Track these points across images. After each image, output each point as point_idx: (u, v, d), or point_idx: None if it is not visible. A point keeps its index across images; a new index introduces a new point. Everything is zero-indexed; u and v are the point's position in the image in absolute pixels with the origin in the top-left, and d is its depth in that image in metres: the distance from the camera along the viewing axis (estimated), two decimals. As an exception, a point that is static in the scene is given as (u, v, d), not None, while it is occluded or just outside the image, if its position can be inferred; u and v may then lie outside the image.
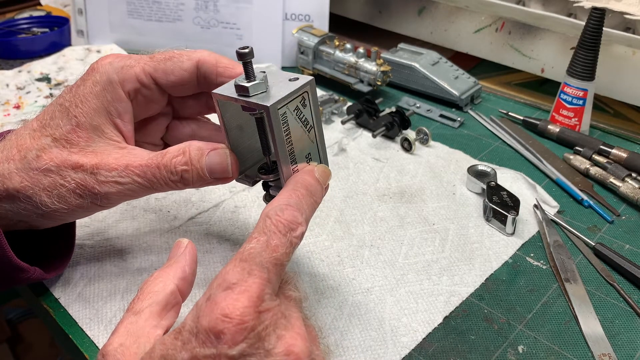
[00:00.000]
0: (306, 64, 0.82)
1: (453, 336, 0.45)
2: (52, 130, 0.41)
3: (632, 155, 0.63)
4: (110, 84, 0.42)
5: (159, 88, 0.44)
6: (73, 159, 0.40)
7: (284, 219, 0.34)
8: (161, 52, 0.45)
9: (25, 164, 0.40)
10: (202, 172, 0.41)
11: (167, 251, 0.52)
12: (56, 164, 0.40)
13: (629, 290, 0.49)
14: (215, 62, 0.43)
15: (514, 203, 0.54)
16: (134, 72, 0.43)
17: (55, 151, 0.40)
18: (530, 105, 0.79)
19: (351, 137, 0.70)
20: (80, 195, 0.41)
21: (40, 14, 1.04)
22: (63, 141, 0.41)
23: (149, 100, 0.45)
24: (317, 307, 0.46)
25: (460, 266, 0.51)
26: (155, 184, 0.41)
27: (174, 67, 0.44)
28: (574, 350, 0.43)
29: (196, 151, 0.41)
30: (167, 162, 0.40)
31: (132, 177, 0.40)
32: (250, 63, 0.38)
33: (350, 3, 0.97)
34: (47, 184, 0.40)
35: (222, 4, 0.88)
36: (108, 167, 0.40)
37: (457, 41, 0.86)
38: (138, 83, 0.43)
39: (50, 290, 0.48)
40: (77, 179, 0.40)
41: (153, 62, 0.44)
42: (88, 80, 0.42)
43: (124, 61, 0.43)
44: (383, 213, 0.57)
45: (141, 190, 0.41)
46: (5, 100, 0.80)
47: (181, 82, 0.44)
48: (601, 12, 0.63)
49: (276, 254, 0.32)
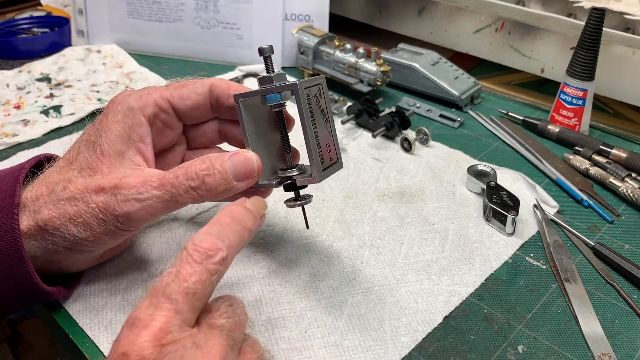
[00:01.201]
0: (306, 64, 0.82)
1: (453, 336, 0.45)
2: (78, 163, 0.42)
3: (632, 155, 0.63)
4: (130, 110, 0.44)
5: (176, 114, 0.47)
6: (95, 183, 0.41)
7: (200, 247, 0.33)
8: (176, 81, 0.47)
9: (53, 196, 0.41)
10: (225, 175, 0.40)
11: (167, 251, 0.52)
12: (80, 191, 0.40)
13: (629, 290, 0.49)
14: (226, 86, 0.46)
15: (514, 203, 0.54)
16: (152, 98, 0.45)
17: (80, 180, 0.41)
18: (530, 105, 0.79)
19: (351, 137, 0.70)
20: (104, 219, 0.40)
21: (40, 14, 1.04)
22: (88, 170, 0.42)
23: (167, 125, 0.47)
24: (317, 307, 0.46)
25: (460, 266, 0.51)
26: (176, 195, 0.40)
27: (189, 93, 0.46)
28: (573, 350, 0.43)
29: (216, 157, 0.41)
30: (186, 171, 0.40)
31: (150, 192, 0.40)
32: (270, 58, 0.43)
33: (350, 3, 0.97)
34: (73, 213, 0.40)
35: (222, 4, 0.88)
36: (127, 185, 0.40)
37: (457, 41, 0.86)
38: (157, 108, 0.45)
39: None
40: (98, 202, 0.40)
41: (169, 89, 0.46)
42: (109, 112, 0.44)
43: (142, 90, 0.45)
44: (383, 213, 0.57)
45: (162, 205, 0.40)
46: (5, 100, 0.80)
47: (197, 106, 0.46)
48: (601, 12, 0.63)
49: (187, 283, 0.32)
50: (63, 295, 0.46)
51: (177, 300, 0.31)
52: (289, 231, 0.55)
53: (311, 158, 0.42)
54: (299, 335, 0.44)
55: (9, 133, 0.72)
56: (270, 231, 0.55)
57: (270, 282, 0.49)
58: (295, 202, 0.45)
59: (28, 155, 0.68)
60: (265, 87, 0.43)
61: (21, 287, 0.41)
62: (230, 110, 0.47)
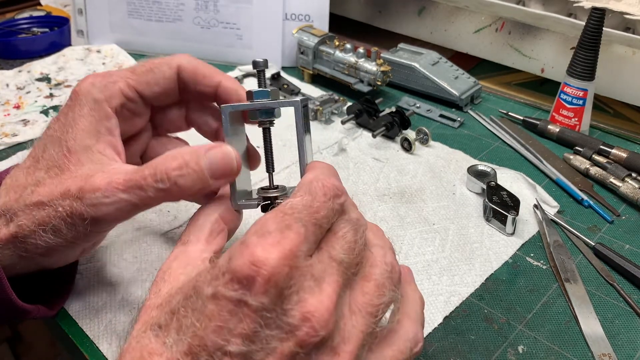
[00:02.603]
0: (306, 64, 0.82)
1: (453, 336, 0.45)
2: (45, 162, 0.40)
3: (632, 155, 0.63)
4: (96, 103, 0.41)
5: (143, 101, 0.44)
6: (62, 186, 0.38)
7: (329, 184, 0.33)
8: (141, 63, 0.44)
9: (21, 202, 0.38)
10: (201, 174, 0.37)
11: (167, 251, 0.52)
12: (47, 194, 0.38)
13: (629, 290, 0.49)
14: (193, 70, 0.43)
15: (514, 203, 0.54)
16: (118, 88, 0.42)
17: (48, 182, 0.38)
18: (530, 105, 0.79)
19: (351, 137, 0.70)
20: (72, 224, 0.37)
21: (40, 14, 1.04)
22: (55, 169, 0.39)
23: (134, 114, 0.44)
24: (317, 307, 0.46)
25: (460, 266, 0.51)
26: (145, 198, 0.37)
27: (156, 78, 0.43)
28: (574, 350, 0.43)
29: (190, 154, 0.37)
30: (155, 170, 0.36)
31: (116, 194, 0.36)
32: (264, 72, 0.41)
33: (350, 3, 0.97)
34: (41, 219, 0.37)
35: (222, 4, 0.88)
36: (92, 188, 0.37)
37: (457, 41, 0.86)
38: (124, 98, 0.42)
39: (50, 290, 0.48)
40: (66, 206, 0.37)
41: (135, 75, 0.43)
42: (74, 105, 0.41)
43: (106, 79, 0.42)
44: (383, 213, 0.57)
45: (130, 208, 0.37)
46: (5, 100, 0.80)
47: (165, 92, 0.44)
48: (601, 12, 0.63)
49: (317, 215, 0.31)
50: (42, 314, 0.43)
51: (307, 228, 0.30)
52: (289, 231, 0.55)
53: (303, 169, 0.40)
54: (299, 336, 0.44)
55: (9, 133, 0.72)
56: (270, 231, 0.55)
57: (270, 282, 0.49)
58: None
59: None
60: (262, 101, 0.40)
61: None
62: (198, 96, 0.45)
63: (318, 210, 0.32)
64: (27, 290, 0.43)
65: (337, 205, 0.33)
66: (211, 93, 0.44)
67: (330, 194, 0.33)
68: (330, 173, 0.36)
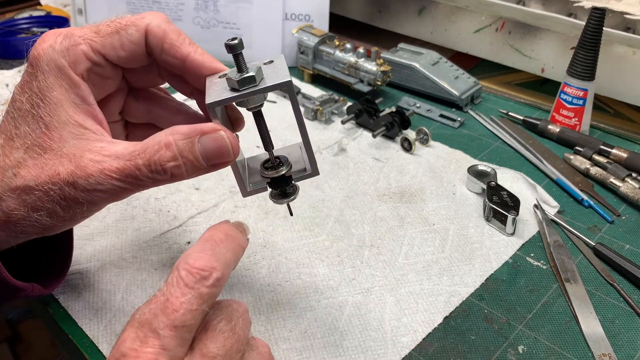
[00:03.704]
0: (306, 64, 0.82)
1: (453, 336, 0.45)
2: (21, 140, 0.37)
3: (632, 155, 0.63)
4: (60, 70, 0.37)
5: (110, 64, 0.40)
6: (49, 169, 0.36)
7: (193, 268, 0.30)
8: (105, 22, 0.40)
9: (5, 186, 0.36)
10: (197, 162, 0.36)
11: (167, 251, 0.52)
12: (34, 178, 0.36)
13: (629, 290, 0.49)
14: (162, 37, 0.39)
15: (514, 203, 0.54)
16: (81, 51, 0.38)
17: (30, 164, 0.36)
18: (530, 105, 0.79)
19: (351, 137, 0.70)
20: (68, 206, 0.37)
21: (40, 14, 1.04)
22: (36, 148, 0.37)
23: (104, 77, 0.41)
24: (317, 307, 0.46)
25: (460, 266, 0.51)
26: (139, 185, 0.36)
27: (122, 41, 0.39)
28: (574, 350, 0.43)
29: (184, 141, 0.36)
30: (149, 161, 0.35)
31: (110, 182, 0.36)
32: (241, 54, 0.37)
33: (350, 3, 0.97)
34: (32, 203, 0.36)
35: (222, 4, 0.88)
36: (84, 173, 0.36)
37: (457, 41, 0.86)
38: (89, 62, 0.38)
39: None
40: (57, 191, 0.36)
41: (100, 37, 0.39)
42: (36, 73, 0.37)
43: (67, 41, 0.38)
44: (383, 213, 0.57)
45: (125, 192, 0.37)
46: (5, 100, 0.80)
47: (132, 57, 0.40)
48: (601, 12, 0.63)
49: (176, 315, 0.29)
50: (37, 293, 0.42)
51: (164, 336, 0.29)
52: (289, 231, 0.55)
53: (310, 152, 0.40)
54: (299, 335, 0.44)
55: (9, 133, 0.72)
56: (271, 231, 0.55)
57: (270, 282, 0.49)
58: (286, 197, 0.42)
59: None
60: (249, 89, 0.37)
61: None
62: (165, 65, 0.41)
63: (176, 309, 0.29)
64: (22, 269, 0.42)
65: (206, 288, 0.30)
66: (178, 65, 0.40)
67: (193, 281, 0.30)
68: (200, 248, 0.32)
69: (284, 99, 0.79)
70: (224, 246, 0.33)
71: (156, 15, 0.40)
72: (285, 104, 0.78)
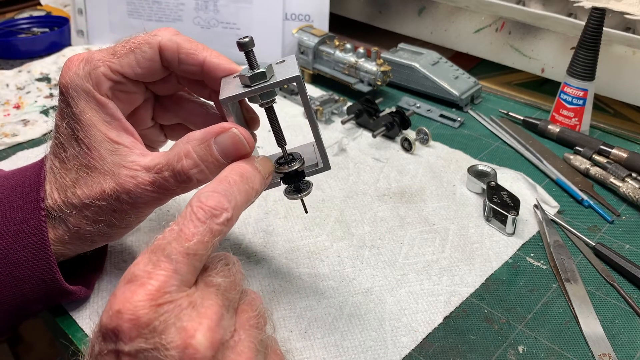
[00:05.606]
0: (306, 64, 0.82)
1: (453, 336, 0.45)
2: (71, 162, 0.41)
3: (632, 155, 0.63)
4: (87, 94, 0.41)
5: (131, 80, 0.43)
6: (97, 187, 0.40)
7: (206, 206, 0.32)
8: (121, 43, 0.43)
9: (69, 205, 0.41)
10: (218, 162, 0.38)
11: (167, 251, 0.52)
12: (88, 197, 0.40)
13: (629, 290, 0.49)
14: (176, 49, 0.42)
15: (514, 203, 0.54)
16: (101, 73, 0.41)
17: (82, 183, 0.41)
18: (530, 105, 0.79)
19: (351, 137, 0.70)
20: (120, 217, 0.41)
21: (40, 14, 1.04)
22: (84, 168, 0.41)
23: (128, 93, 0.44)
24: (317, 307, 0.46)
25: (460, 266, 0.51)
26: (173, 192, 0.40)
27: (138, 59, 0.42)
28: (574, 351, 0.43)
29: (200, 147, 0.38)
30: (174, 172, 0.38)
31: (146, 194, 0.40)
32: (252, 52, 0.38)
33: (350, 3, 0.97)
34: (92, 217, 0.41)
35: (222, 4, 0.88)
36: (124, 189, 0.40)
37: (457, 41, 0.86)
38: (110, 82, 0.42)
39: (50, 291, 0.48)
40: (108, 206, 0.40)
41: (117, 57, 0.42)
42: (68, 99, 0.41)
43: (88, 66, 0.41)
44: (383, 213, 0.57)
45: (163, 198, 0.41)
46: (5, 100, 0.80)
47: (149, 72, 0.43)
48: (601, 12, 0.63)
49: (188, 244, 0.31)
50: (84, 294, 0.45)
51: (177, 261, 0.30)
52: (289, 231, 0.55)
53: (321, 145, 0.41)
54: (299, 335, 0.44)
55: (9, 133, 0.72)
56: (271, 231, 0.55)
57: (270, 282, 0.49)
58: (300, 192, 0.43)
59: (28, 155, 0.68)
60: (260, 84, 0.38)
61: (44, 285, 0.41)
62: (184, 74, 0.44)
63: (188, 238, 0.31)
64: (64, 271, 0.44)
65: (217, 225, 0.32)
66: (197, 71, 0.42)
67: (205, 217, 0.32)
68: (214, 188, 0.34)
69: (284, 99, 0.79)
70: (236, 188, 0.35)
71: (166, 30, 0.43)
72: (285, 104, 0.78)
